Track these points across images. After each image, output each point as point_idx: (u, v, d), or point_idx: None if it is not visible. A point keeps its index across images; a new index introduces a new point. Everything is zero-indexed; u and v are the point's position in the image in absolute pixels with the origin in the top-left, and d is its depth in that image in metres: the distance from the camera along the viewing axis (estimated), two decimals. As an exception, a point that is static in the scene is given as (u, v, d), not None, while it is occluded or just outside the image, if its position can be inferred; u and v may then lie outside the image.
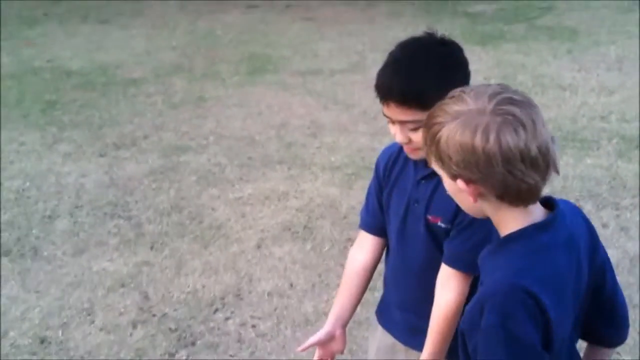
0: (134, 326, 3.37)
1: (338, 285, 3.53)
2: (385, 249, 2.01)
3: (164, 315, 3.44)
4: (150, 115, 6.02)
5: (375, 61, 7.18)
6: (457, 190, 1.39)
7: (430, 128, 1.37)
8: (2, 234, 4.15)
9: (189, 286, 3.66)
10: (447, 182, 1.41)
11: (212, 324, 3.36)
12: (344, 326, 2.00)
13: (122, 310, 3.49)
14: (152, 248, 4.02)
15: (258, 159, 5.09)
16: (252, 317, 3.41)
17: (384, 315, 2.07)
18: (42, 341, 3.28)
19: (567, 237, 1.40)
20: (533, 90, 6.08)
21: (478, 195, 1.35)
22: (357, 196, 4.48)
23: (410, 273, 1.91)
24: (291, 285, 3.65)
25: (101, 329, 3.36)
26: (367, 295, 2.07)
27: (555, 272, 1.35)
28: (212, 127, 5.72)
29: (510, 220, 1.37)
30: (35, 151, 5.33)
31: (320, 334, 1.98)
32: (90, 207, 4.49)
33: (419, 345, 1.89)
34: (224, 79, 6.87)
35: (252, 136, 5.49)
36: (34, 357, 3.19)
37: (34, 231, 4.20)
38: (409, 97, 1.67)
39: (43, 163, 5.12)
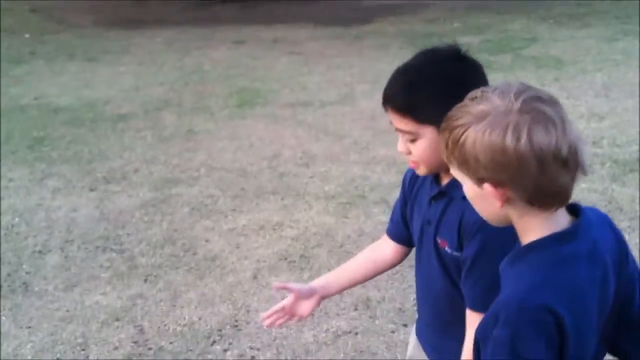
0: (130, 360, 3.28)
1: (336, 314, 3.52)
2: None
3: (160, 348, 3.35)
4: (140, 149, 5.97)
5: (364, 93, 7.21)
6: (479, 195, 1.33)
7: (452, 131, 1.31)
8: (-9, 270, 4.06)
9: (185, 318, 3.58)
10: (469, 188, 1.35)
11: (210, 356, 3.28)
12: (323, 297, 1.98)
13: (117, 344, 3.40)
14: (145, 281, 3.94)
15: (251, 190, 5.04)
16: (251, 348, 3.33)
17: (417, 325, 2.02)
18: (35, 378, 3.19)
19: (591, 249, 1.34)
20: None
21: (505, 200, 1.30)
22: (352, 225, 4.44)
23: (429, 293, 1.87)
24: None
25: (96, 364, 3.26)
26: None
27: (574, 286, 1.29)
28: (203, 159, 5.67)
29: (533, 228, 1.31)
30: (24, 187, 5.25)
31: (303, 287, 1.96)
32: (81, 241, 4.42)
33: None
34: (213, 113, 6.84)
35: (243, 168, 5.45)
36: (27, 394, 3.09)
37: (24, 266, 4.11)
38: (403, 106, 1.64)
39: (32, 198, 5.04)
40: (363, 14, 11.58)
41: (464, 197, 1.55)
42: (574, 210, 1.37)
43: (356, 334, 3.38)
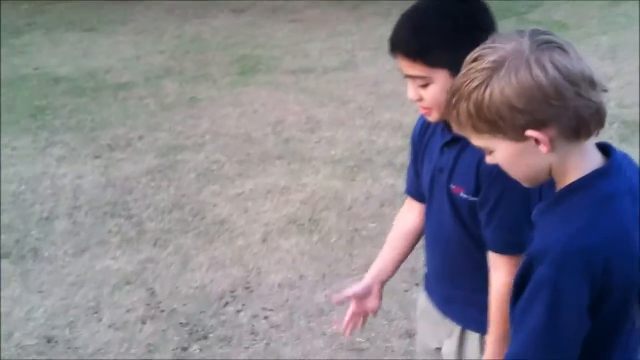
0: (143, 322, 3.28)
1: (348, 274, 3.52)
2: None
3: (173, 310, 3.35)
4: (143, 117, 5.93)
5: (366, 59, 7.17)
6: (519, 153, 1.27)
7: (469, 97, 1.25)
8: (0, 237, 4.04)
9: (196, 281, 3.58)
10: (505, 151, 1.28)
11: (223, 317, 3.28)
12: (383, 284, 1.95)
13: (130, 307, 3.40)
14: (155, 245, 3.93)
15: (256, 156, 5.02)
16: (263, 309, 3.33)
17: (426, 280, 2.00)
18: (49, 340, 3.19)
19: (629, 184, 1.32)
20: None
21: (551, 143, 1.25)
22: (360, 188, 4.43)
23: (439, 242, 1.84)
24: (301, 276, 3.57)
25: (109, 326, 3.26)
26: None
27: (620, 226, 1.27)
28: (207, 126, 5.63)
29: (573, 168, 1.28)
30: (28, 155, 5.22)
31: (357, 287, 1.93)
32: (89, 207, 4.40)
33: (453, 315, 1.86)
34: (215, 80, 6.79)
35: (248, 133, 5.41)
36: (42, 357, 3.09)
37: (32, 232, 4.10)
38: (413, 51, 1.59)
39: (37, 166, 5.01)
40: (362, -19, 11.46)
41: None
42: (604, 149, 1.35)
43: (368, 293, 3.37)
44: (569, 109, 1.22)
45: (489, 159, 1.35)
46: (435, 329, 1.93)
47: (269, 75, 6.85)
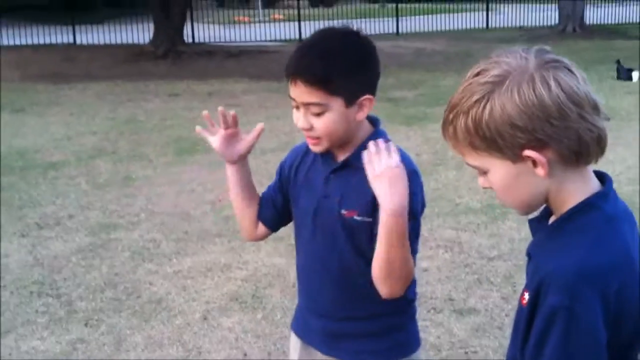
0: (73, 407, 3.00)
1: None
2: (296, 253, 1.90)
3: (106, 393, 3.09)
4: (74, 195, 5.70)
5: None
6: (516, 175, 1.20)
7: (467, 112, 1.18)
8: None
9: (131, 362, 3.33)
10: (501, 172, 1.21)
11: (161, 400, 3.04)
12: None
13: (58, 390, 3.12)
14: (86, 325, 3.67)
15: (195, 234, 4.84)
16: (205, 390, 3.11)
17: (300, 323, 1.91)
18: None
19: (624, 208, 1.25)
20: (464, 165, 6.11)
21: (549, 166, 1.17)
22: (303, 265, 4.28)
23: (327, 275, 1.77)
24: (245, 354, 3.37)
25: (34, 412, 2.97)
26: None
27: (626, 247, 1.19)
28: (143, 204, 5.45)
29: (573, 193, 1.20)
30: (-51, 233, 4.91)
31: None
32: (15, 286, 4.11)
33: (341, 353, 1.78)
34: (151, 160, 6.64)
35: (186, 212, 5.25)
36: None
37: (-49, 313, 3.78)
38: (317, 77, 1.61)
39: (-42, 244, 4.71)
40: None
41: None
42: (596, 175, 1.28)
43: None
44: (570, 131, 1.15)
45: (481, 181, 1.27)
46: None
47: (207, 156, 6.72)
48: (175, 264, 4.39)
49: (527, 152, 1.16)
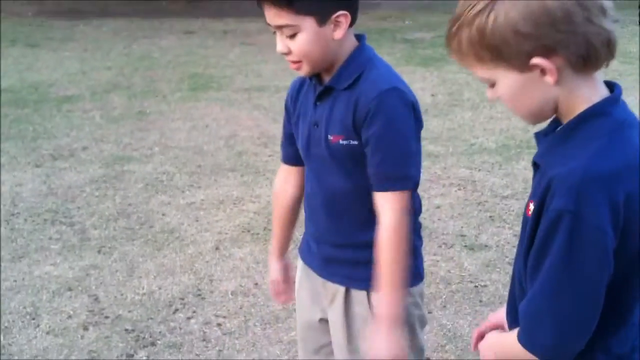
0: (85, 328, 3.04)
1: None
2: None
3: (118, 317, 3.13)
4: (88, 128, 5.69)
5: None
6: (524, 83, 1.18)
7: (471, 22, 1.15)
8: None
9: (143, 288, 3.36)
10: (510, 81, 1.19)
11: (172, 324, 3.07)
12: (285, 255, 2.06)
13: (71, 313, 3.16)
14: (99, 252, 3.70)
15: (208, 167, 4.84)
16: (216, 315, 3.13)
17: (304, 248, 1.94)
18: (-20, 346, 2.92)
19: (634, 115, 1.22)
20: (481, 105, 6.06)
21: (558, 73, 1.14)
22: (316, 200, 4.28)
23: (321, 202, 1.78)
24: (256, 284, 3.39)
25: (48, 333, 3.01)
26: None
27: (637, 154, 1.16)
28: (156, 138, 5.44)
29: (582, 99, 1.17)
30: (-37, 162, 4.93)
31: (275, 274, 2.04)
32: (28, 214, 4.14)
33: (335, 278, 1.80)
34: (165, 96, 6.60)
35: (199, 146, 5.24)
36: (-29, 363, 2.82)
37: (-35, 237, 3.82)
38: None
39: (-27, 173, 4.74)
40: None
41: (351, 85, 1.63)
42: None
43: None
44: (578, 35, 1.12)
45: (490, 93, 1.24)
46: (316, 298, 1.88)
47: (221, 93, 6.70)
48: (188, 196, 4.40)
49: (535, 60, 1.14)
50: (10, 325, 3.06)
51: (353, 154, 1.67)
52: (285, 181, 1.95)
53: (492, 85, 1.22)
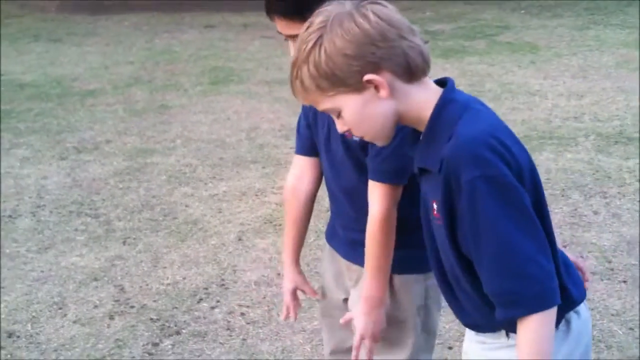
0: (111, 318, 3.10)
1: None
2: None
3: (143, 306, 3.18)
4: (111, 122, 5.76)
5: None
6: (363, 104, 1.32)
7: (307, 61, 1.30)
8: (-42, 233, 3.83)
9: (168, 278, 3.41)
10: (351, 105, 1.33)
11: (197, 313, 3.12)
12: (298, 262, 2.05)
13: (97, 302, 3.22)
14: (124, 243, 3.76)
15: (230, 160, 4.88)
16: (240, 305, 3.18)
17: (329, 232, 2.01)
18: (10, 335, 2.99)
19: (472, 96, 1.41)
20: (502, 96, 6.04)
21: (389, 86, 1.30)
22: (337, 191, 4.30)
23: (342, 191, 1.86)
24: (279, 274, 3.42)
25: (74, 322, 3.08)
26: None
27: (494, 115, 1.36)
28: (179, 131, 5.49)
29: (424, 102, 1.34)
30: (-10, 156, 5.01)
31: (289, 285, 2.06)
32: (54, 206, 4.21)
33: (357, 259, 1.84)
34: (186, 89, 6.65)
35: (221, 139, 5.28)
36: (2, 352, 2.88)
37: (-7, 229, 3.89)
38: (289, 10, 1.67)
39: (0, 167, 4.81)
40: (333, 3, 11.47)
41: None
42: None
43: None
44: (396, 49, 1.29)
45: (339, 126, 1.38)
46: (340, 279, 1.95)
47: (242, 86, 6.73)
48: (211, 187, 4.44)
49: (367, 77, 1.29)
50: (38, 315, 3.13)
51: (364, 148, 1.72)
52: (300, 176, 1.98)
53: (339, 115, 1.35)
